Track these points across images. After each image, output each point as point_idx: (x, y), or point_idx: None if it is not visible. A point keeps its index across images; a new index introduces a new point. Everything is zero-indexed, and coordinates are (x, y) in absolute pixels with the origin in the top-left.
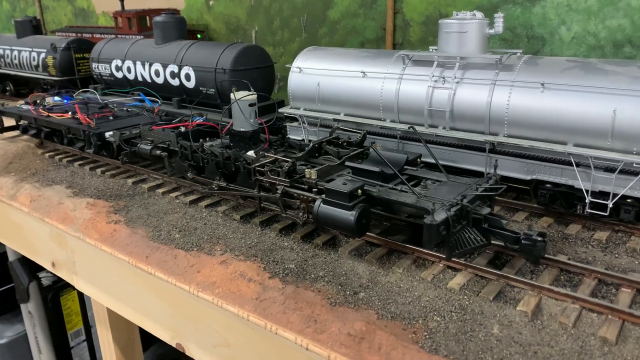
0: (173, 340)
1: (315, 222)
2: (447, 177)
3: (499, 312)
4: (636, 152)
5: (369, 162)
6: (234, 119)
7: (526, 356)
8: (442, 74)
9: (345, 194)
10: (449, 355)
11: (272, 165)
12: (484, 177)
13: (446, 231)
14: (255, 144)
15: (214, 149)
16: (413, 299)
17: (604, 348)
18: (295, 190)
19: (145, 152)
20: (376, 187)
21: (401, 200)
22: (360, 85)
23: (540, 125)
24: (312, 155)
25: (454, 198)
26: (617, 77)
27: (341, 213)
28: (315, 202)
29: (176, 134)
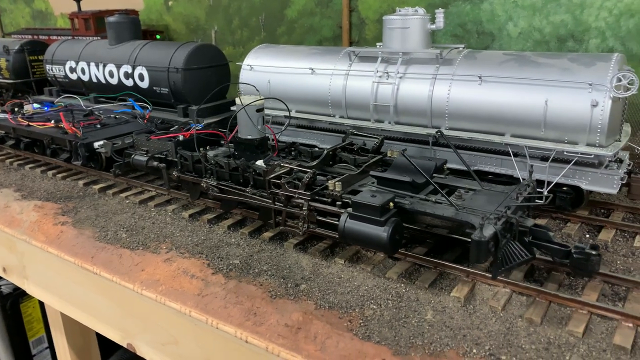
0: (124, 340)
1: (341, 238)
2: (481, 185)
3: (434, 299)
4: (568, 141)
5: (394, 170)
6: (240, 125)
7: (455, 339)
8: (386, 69)
9: (377, 208)
10: (381, 341)
11: (289, 177)
12: (521, 184)
13: (495, 247)
14: (263, 153)
15: (218, 159)
16: (352, 289)
17: (530, 329)
18: (319, 204)
19: (141, 163)
20: (406, 199)
21: (438, 213)
22: (309, 82)
23: (479, 117)
24: (327, 163)
25: (497, 209)
26: (548, 69)
27: (372, 229)
28: (341, 217)
29: (175, 143)
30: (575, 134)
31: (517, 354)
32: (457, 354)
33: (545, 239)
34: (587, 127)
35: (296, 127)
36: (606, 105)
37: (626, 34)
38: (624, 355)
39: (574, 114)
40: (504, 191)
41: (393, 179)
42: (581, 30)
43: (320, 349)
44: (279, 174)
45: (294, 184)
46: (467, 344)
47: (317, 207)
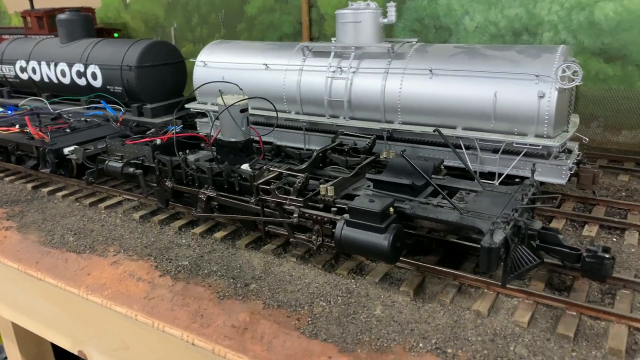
0: (75, 347)
1: (338, 247)
2: (482, 186)
3: (384, 294)
4: (517, 133)
5: (390, 172)
6: (223, 127)
7: (403, 334)
8: (340, 64)
9: (376, 214)
10: (328, 338)
11: (279, 182)
12: (524, 185)
13: (505, 253)
14: (248, 156)
15: (200, 163)
16: (302, 287)
17: (477, 321)
18: (311, 211)
19: (116, 170)
20: (406, 203)
21: (442, 218)
22: (263, 78)
23: (431, 110)
24: (317, 166)
25: (503, 212)
26: (497, 61)
27: (371, 237)
28: (337, 225)
29: (152, 148)
30: (524, 126)
31: (463, 347)
32: (404, 349)
33: (555, 242)
34: (535, 118)
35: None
36: (552, 97)
37: (577, 27)
38: (567, 343)
39: (522, 106)
40: (507, 192)
41: (391, 181)
42: (535, 24)
43: (267, 349)
44: (268, 179)
45: (285, 189)
46: (414, 338)
47: (311, 214)
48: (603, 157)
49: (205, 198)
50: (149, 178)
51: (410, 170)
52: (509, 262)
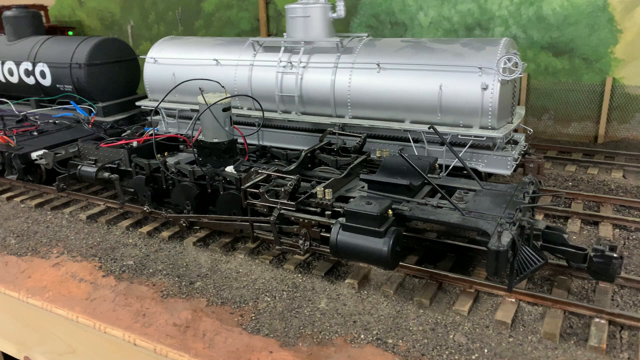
0: (20, 353)
1: (334, 254)
2: (481, 185)
3: (330, 287)
4: (463, 125)
5: (384, 172)
6: (204, 127)
7: (345, 326)
8: (290, 59)
9: (375, 217)
10: (270, 333)
11: (269, 185)
12: (523, 182)
13: (513, 256)
14: (232, 157)
15: (181, 166)
16: (249, 283)
17: (419, 311)
18: (304, 215)
19: (90, 175)
20: (403, 204)
21: (444, 219)
22: (214, 74)
23: (380, 104)
24: (305, 166)
25: (507, 212)
26: (442, 55)
27: (369, 242)
28: (332, 229)
29: (128, 151)
30: (469, 118)
31: (404, 337)
32: (345, 341)
33: (560, 242)
34: (479, 110)
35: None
36: (495, 88)
37: (527, 21)
38: (505, 329)
39: (467, 98)
40: (506, 191)
41: (388, 182)
42: (486, 19)
43: (209, 346)
44: (256, 182)
45: (274, 192)
46: (356, 330)
47: (304, 218)
48: (553, 149)
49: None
50: (126, 183)
51: (405, 170)
52: (516, 265)
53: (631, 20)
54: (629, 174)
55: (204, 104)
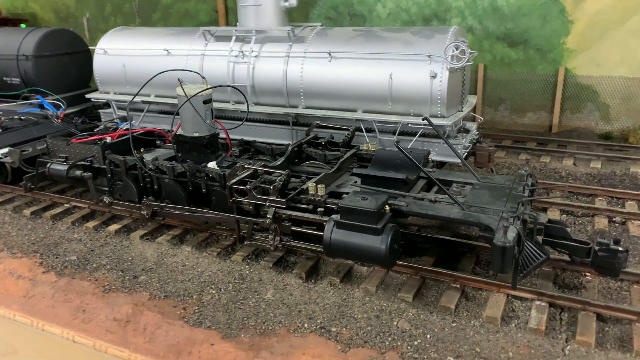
0: None
1: (328, 252)
2: (478, 178)
3: (277, 278)
4: (414, 114)
5: (377, 165)
6: (184, 121)
7: (290, 316)
8: (242, 48)
9: (372, 213)
10: (213, 326)
11: (256, 181)
12: (520, 175)
13: (519, 252)
14: (215, 153)
15: (160, 163)
16: (195, 276)
17: (366, 299)
18: (296, 213)
19: (61, 174)
20: (400, 199)
21: (444, 215)
22: (165, 65)
23: (333, 94)
24: (292, 162)
25: (510, 206)
26: (392, 43)
27: (366, 239)
28: (326, 227)
29: (102, 147)
30: (419, 107)
31: (348, 325)
32: (288, 331)
33: (562, 236)
34: (429, 98)
35: (159, 114)
36: (444, 77)
37: (482, 13)
38: (449, 315)
39: (416, 87)
40: (504, 184)
41: (383, 176)
42: (444, 10)
43: (149, 340)
44: (242, 179)
45: (263, 189)
46: (301, 320)
47: (295, 217)
48: (509, 139)
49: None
50: (100, 182)
51: (399, 163)
52: (520, 261)
53: (582, 11)
54: (579, 162)
55: (184, 97)
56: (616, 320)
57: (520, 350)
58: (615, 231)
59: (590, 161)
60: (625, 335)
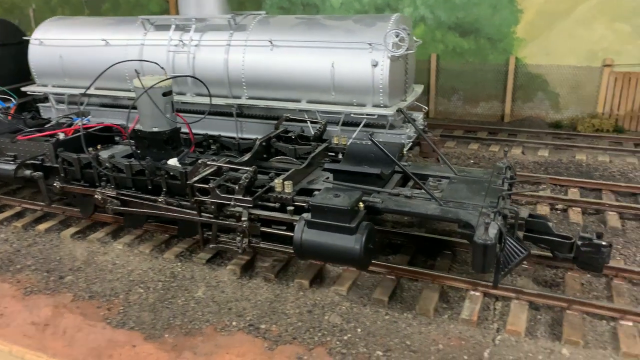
0: None
1: (298, 254)
2: (454, 171)
3: (210, 274)
4: (357, 104)
5: (350, 160)
6: (142, 115)
7: (219, 314)
8: (181, 37)
9: (346, 211)
10: (136, 326)
11: (220, 179)
12: (498, 167)
13: (501, 249)
14: (176, 149)
15: (116, 160)
16: (124, 274)
17: (299, 293)
18: (263, 212)
19: (8, 174)
20: (374, 195)
21: (421, 211)
22: (104, 55)
23: (275, 84)
24: (260, 157)
25: (489, 200)
26: (334, 31)
27: (339, 239)
28: (296, 227)
29: (54, 144)
30: (361, 96)
31: (279, 321)
32: (215, 330)
33: (544, 231)
34: (371, 87)
35: (99, 107)
36: (385, 65)
37: (434, 2)
38: (382, 307)
39: (358, 76)
40: (482, 177)
41: (356, 171)
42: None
43: (69, 344)
44: (204, 176)
45: (227, 187)
46: (230, 317)
47: (263, 216)
48: (461, 129)
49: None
50: (52, 182)
51: (373, 157)
52: (501, 258)
53: (530, 0)
54: (528, 150)
55: (140, 88)
56: (548, 308)
57: (451, 342)
58: (556, 218)
59: (538, 149)
60: (556, 323)
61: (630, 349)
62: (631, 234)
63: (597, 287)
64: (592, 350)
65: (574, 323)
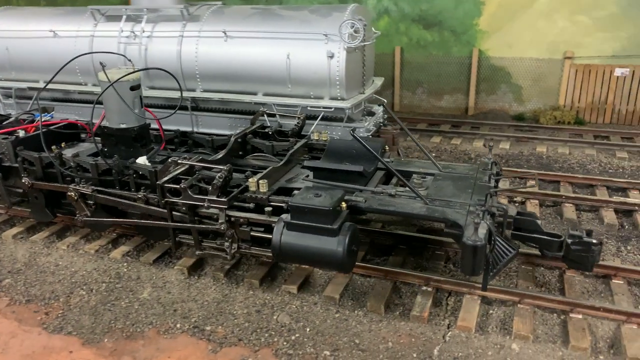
0: None
1: (277, 258)
2: (439, 168)
3: (157, 275)
4: (313, 96)
5: (330, 157)
6: (108, 111)
7: (163, 316)
8: (133, 28)
9: (328, 212)
10: (74, 331)
11: (192, 178)
12: (483, 163)
13: (491, 250)
14: (145, 146)
15: (81, 159)
16: (66, 276)
17: (249, 292)
18: (239, 214)
19: None
20: (356, 194)
21: (406, 211)
22: (52, 47)
23: (230, 76)
24: (235, 154)
25: (476, 199)
26: (290, 22)
27: (321, 241)
28: (275, 229)
29: (13, 143)
30: (318, 89)
31: (225, 322)
32: (158, 332)
33: (533, 229)
34: (327, 80)
35: (50, 101)
36: (341, 57)
37: None
38: (333, 305)
39: (314, 67)
40: (468, 173)
41: (338, 169)
42: None
43: (1, 351)
44: (175, 175)
45: (200, 187)
46: (174, 319)
47: (238, 217)
48: (424, 122)
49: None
50: (13, 182)
51: (355, 154)
52: (491, 259)
53: None
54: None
55: (106, 82)
56: (501, 303)
57: (401, 339)
58: None
59: (500, 142)
60: (508, 318)
61: (579, 342)
62: (587, 225)
63: (550, 280)
64: (542, 344)
65: (524, 317)
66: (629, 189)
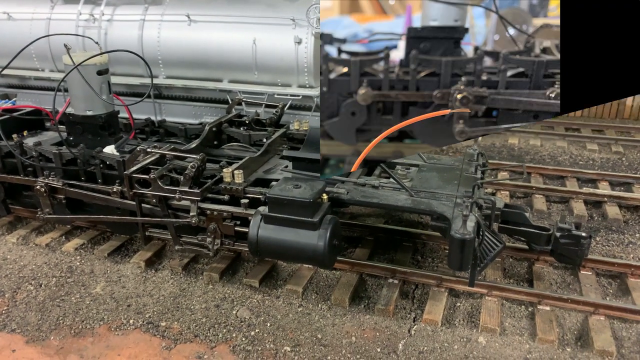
0: None
1: (254, 252)
2: (424, 159)
3: (112, 269)
4: (281, 84)
5: (310, 146)
6: (73, 97)
7: (116, 312)
8: (92, 11)
9: (308, 204)
10: (18, 329)
11: (163, 168)
12: (469, 154)
13: (479, 244)
14: (113, 135)
15: (43, 149)
16: (14, 270)
17: (208, 286)
18: (212, 206)
19: None
20: (338, 186)
21: (391, 203)
22: (6, 31)
23: (194, 62)
24: (210, 144)
25: (463, 191)
26: (256, 6)
27: (300, 235)
28: (251, 222)
29: None
30: (286, 76)
31: (182, 317)
32: (109, 329)
33: (521, 222)
34: (295, 66)
35: (6, 88)
36: (309, 42)
37: None
38: (296, 299)
39: (281, 54)
40: (453, 164)
41: (318, 159)
42: None
43: None
44: (145, 165)
45: (171, 177)
46: (127, 315)
47: (212, 210)
48: None
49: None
50: None
51: None
52: (478, 253)
53: None
54: None
55: (70, 65)
56: (468, 295)
57: (365, 334)
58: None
59: None
60: (475, 310)
61: (546, 334)
62: (556, 216)
63: (519, 272)
64: (509, 337)
65: (491, 310)
66: (599, 180)
